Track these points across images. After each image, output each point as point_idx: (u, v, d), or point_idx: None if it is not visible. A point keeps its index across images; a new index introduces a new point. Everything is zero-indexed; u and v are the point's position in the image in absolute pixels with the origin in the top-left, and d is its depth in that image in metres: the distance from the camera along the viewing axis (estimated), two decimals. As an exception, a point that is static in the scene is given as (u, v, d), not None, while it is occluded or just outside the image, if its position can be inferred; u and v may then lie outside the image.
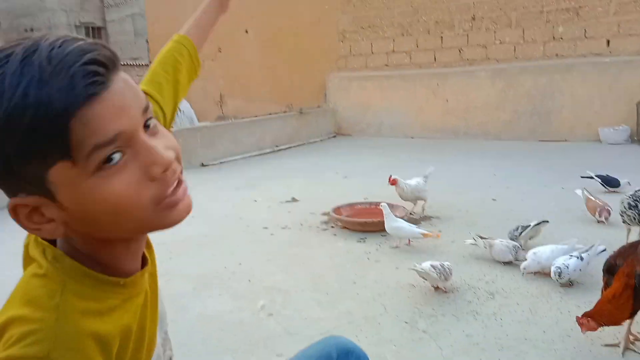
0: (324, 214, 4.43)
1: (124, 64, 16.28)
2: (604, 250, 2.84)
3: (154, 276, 0.84)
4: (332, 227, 4.12)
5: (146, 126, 0.65)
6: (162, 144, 0.67)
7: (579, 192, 4.03)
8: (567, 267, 2.67)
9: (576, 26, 8.03)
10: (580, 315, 2.11)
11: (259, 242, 3.84)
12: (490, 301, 2.67)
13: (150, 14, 13.68)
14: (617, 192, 4.51)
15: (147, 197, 0.64)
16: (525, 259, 2.90)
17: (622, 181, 4.59)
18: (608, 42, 7.83)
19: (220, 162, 7.38)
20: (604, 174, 4.74)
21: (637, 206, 3.01)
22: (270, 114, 9.25)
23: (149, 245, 0.84)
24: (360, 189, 5.20)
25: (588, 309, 2.48)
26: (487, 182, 5.39)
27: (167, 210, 0.67)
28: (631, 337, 2.18)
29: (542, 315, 2.50)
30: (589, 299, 2.62)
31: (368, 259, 3.37)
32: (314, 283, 3.02)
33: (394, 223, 3.51)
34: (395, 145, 8.51)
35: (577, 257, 2.72)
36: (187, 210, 0.70)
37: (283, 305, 2.75)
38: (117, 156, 0.61)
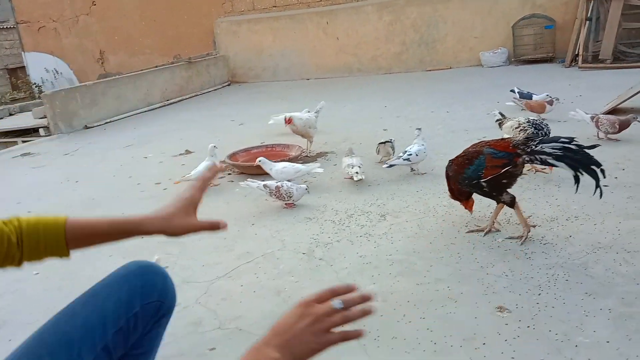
0: (221, 162, 4.31)
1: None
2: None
3: None
4: (229, 174, 4.04)
5: None
6: None
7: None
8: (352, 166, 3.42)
9: (453, -46, 8.23)
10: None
11: (152, 198, 3.67)
12: (382, 223, 2.77)
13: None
14: None
15: None
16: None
17: (536, 96, 4.67)
18: (484, -33, 8.12)
19: (106, 122, 6.89)
20: (524, 90, 4.84)
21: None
22: (157, 66, 8.71)
23: None
24: (257, 135, 5.13)
25: (469, 219, 2.67)
26: (379, 114, 5.52)
27: None
28: (495, 225, 2.55)
29: (428, 229, 2.63)
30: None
31: (266, 199, 3.35)
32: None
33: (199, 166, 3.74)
34: (291, 88, 8.43)
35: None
36: None
37: (179, 256, 2.66)
38: None
